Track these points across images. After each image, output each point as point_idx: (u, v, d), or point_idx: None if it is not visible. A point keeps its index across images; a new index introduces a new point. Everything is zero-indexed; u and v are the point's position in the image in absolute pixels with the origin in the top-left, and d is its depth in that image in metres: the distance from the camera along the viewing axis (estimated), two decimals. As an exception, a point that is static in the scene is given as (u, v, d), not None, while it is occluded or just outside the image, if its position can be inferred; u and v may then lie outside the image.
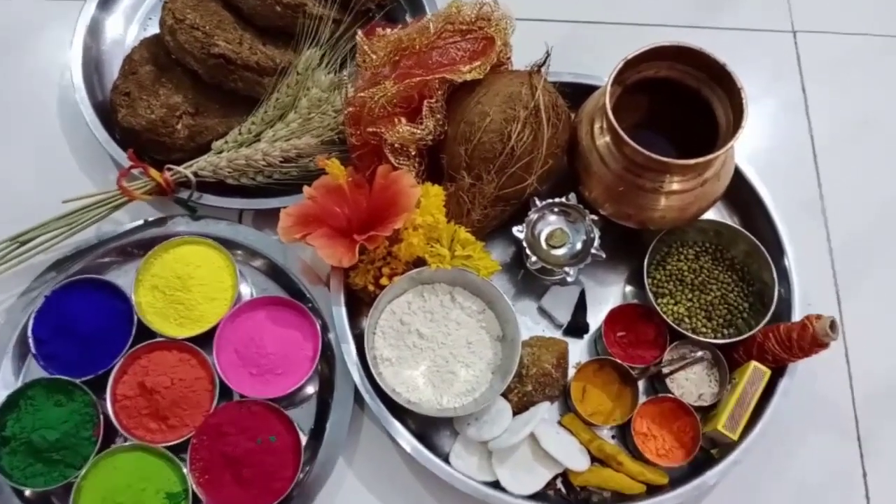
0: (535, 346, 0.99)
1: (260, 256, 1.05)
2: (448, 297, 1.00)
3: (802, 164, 1.18)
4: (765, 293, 1.01)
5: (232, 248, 1.04)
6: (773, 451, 1.00)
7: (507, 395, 0.97)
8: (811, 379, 1.04)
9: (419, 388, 0.96)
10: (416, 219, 0.94)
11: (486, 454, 0.95)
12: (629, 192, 0.96)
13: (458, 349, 0.97)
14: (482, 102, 0.96)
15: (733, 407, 0.93)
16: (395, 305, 0.99)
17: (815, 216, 1.15)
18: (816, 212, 1.15)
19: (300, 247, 0.99)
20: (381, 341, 0.97)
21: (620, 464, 0.95)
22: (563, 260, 1.02)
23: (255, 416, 0.94)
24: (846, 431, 1.04)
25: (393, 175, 0.97)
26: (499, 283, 1.05)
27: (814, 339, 0.90)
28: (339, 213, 0.98)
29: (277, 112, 1.04)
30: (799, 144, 1.20)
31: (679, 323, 1.01)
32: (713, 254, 1.06)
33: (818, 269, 1.12)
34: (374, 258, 0.97)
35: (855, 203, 1.16)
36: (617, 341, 1.02)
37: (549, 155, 0.97)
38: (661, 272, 1.04)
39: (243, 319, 0.99)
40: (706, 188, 0.96)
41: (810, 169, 1.18)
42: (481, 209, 0.98)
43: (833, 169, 1.18)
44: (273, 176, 1.04)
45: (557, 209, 1.03)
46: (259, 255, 1.05)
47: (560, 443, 0.94)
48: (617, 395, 0.99)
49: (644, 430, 0.97)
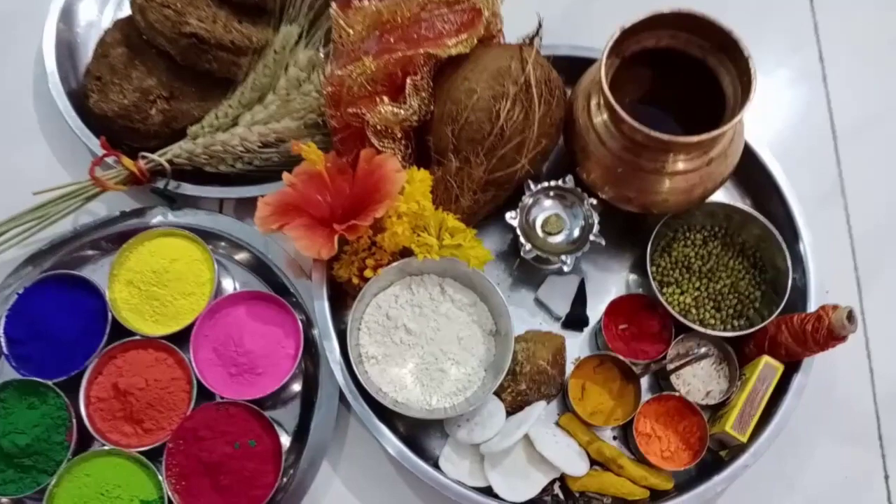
0: (530, 341, 0.93)
1: (242, 248, 1.00)
2: (437, 290, 0.94)
3: (821, 142, 1.10)
4: (778, 281, 0.94)
5: (212, 240, 0.99)
6: (786, 453, 0.93)
7: (501, 395, 0.91)
8: (829, 375, 0.96)
9: (407, 388, 0.90)
10: (401, 206, 0.88)
11: (478, 458, 0.89)
12: (629, 174, 0.89)
13: (449, 345, 0.91)
14: (469, 79, 0.89)
15: (742, 406, 0.86)
16: (380, 299, 0.93)
17: (834, 199, 1.07)
18: (836, 194, 1.07)
19: (284, 238, 0.94)
20: (366, 338, 0.91)
21: (622, 467, 0.88)
22: (561, 247, 0.96)
23: (233, 418, 0.89)
24: (866, 433, 0.97)
25: (377, 159, 0.91)
26: (493, 274, 1.00)
27: (830, 331, 0.83)
28: (321, 202, 0.92)
29: (255, 94, 0.98)
30: (817, 121, 1.11)
31: (685, 314, 0.94)
32: (722, 239, 0.98)
33: (837, 256, 1.04)
34: (358, 249, 0.91)
35: (878, 184, 1.08)
36: (619, 335, 0.95)
37: (543, 134, 0.90)
38: (665, 259, 0.97)
39: (222, 316, 0.94)
40: (712, 168, 0.89)
41: (829, 148, 1.09)
42: (471, 195, 0.92)
43: (854, 147, 1.09)
44: (253, 162, 0.99)
45: (553, 193, 0.96)
46: (241, 247, 1.00)
47: (557, 445, 0.88)
48: (618, 394, 0.93)
49: (647, 431, 0.91)
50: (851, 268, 1.03)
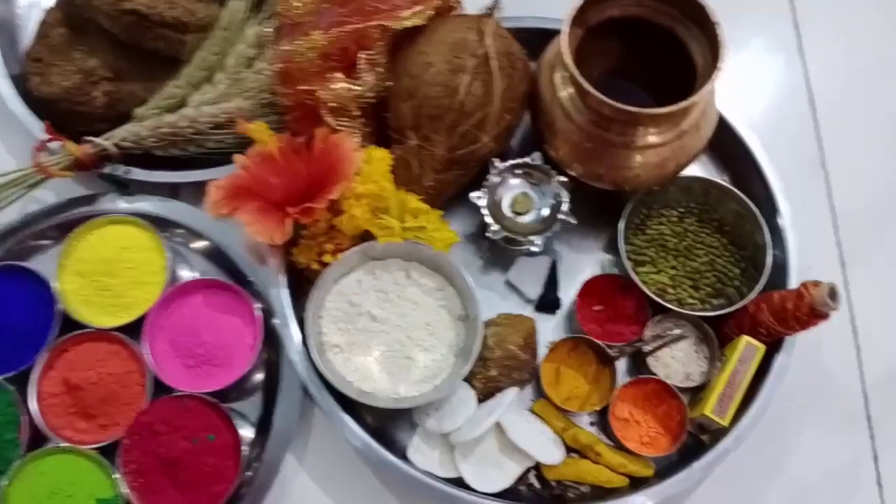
0: (500, 325, 0.89)
1: (199, 236, 0.95)
2: (403, 274, 0.90)
3: (799, 114, 1.06)
4: (758, 258, 0.90)
5: (168, 228, 0.95)
6: (771, 436, 0.89)
7: (471, 382, 0.87)
8: (813, 355, 0.93)
9: (373, 377, 0.86)
10: (358, 187, 0.84)
11: (448, 448, 0.85)
12: (598, 149, 0.85)
13: (416, 331, 0.87)
14: (425, 52, 0.85)
15: (723, 388, 0.83)
16: (343, 285, 0.89)
17: (814, 171, 1.03)
18: (816, 166, 1.03)
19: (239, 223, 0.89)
20: (328, 326, 0.87)
21: (599, 454, 0.85)
22: (530, 227, 0.92)
23: (190, 412, 0.85)
24: (854, 413, 0.93)
25: (333, 139, 0.87)
26: (463, 256, 0.96)
27: (811, 308, 0.79)
28: (275, 185, 0.88)
29: (203, 73, 0.94)
30: (795, 93, 1.07)
31: (662, 294, 0.90)
32: (699, 215, 0.94)
33: (819, 230, 1.00)
34: (316, 233, 0.87)
35: (859, 155, 1.04)
36: (593, 317, 0.91)
37: (505, 110, 0.86)
38: (640, 237, 0.93)
39: (177, 306, 0.90)
40: (685, 141, 0.85)
41: (808, 119, 1.05)
42: (433, 174, 0.88)
43: (834, 118, 1.05)
44: (206, 145, 0.94)
45: (521, 171, 0.92)
46: (198, 235, 0.95)
47: (530, 433, 0.84)
48: (594, 378, 0.89)
49: (625, 416, 0.87)
50: (834, 242, 1.00)
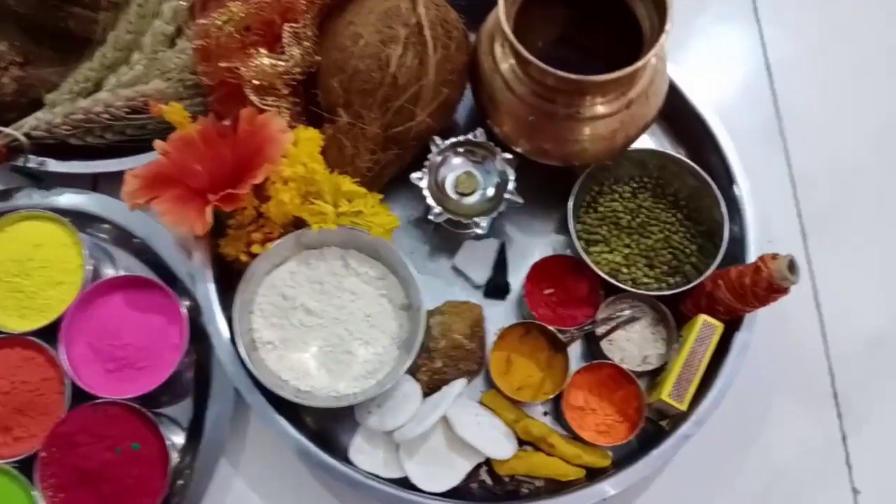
0: (446, 314, 0.83)
1: (122, 230, 0.89)
2: (340, 263, 0.84)
3: (755, 79, 1.02)
4: (715, 232, 0.85)
5: (89, 222, 0.89)
6: (735, 418, 0.85)
7: (416, 375, 0.82)
8: (776, 331, 0.88)
9: (310, 374, 0.81)
10: (285, 170, 0.78)
11: (392, 447, 0.80)
12: (543, 122, 0.80)
13: (356, 324, 0.82)
14: (354, 22, 0.79)
15: (680, 371, 0.78)
16: (274, 277, 0.83)
17: (772, 139, 0.99)
18: (773, 133, 0.99)
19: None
20: (260, 321, 0.81)
21: (553, 446, 0.80)
22: (476, 209, 0.86)
23: (113, 420, 0.79)
24: (821, 391, 0.89)
25: (259, 119, 0.81)
26: (407, 242, 0.90)
27: (770, 283, 0.75)
28: (200, 171, 0.82)
29: (119, 54, 0.87)
30: (750, 57, 1.03)
31: (615, 274, 0.86)
32: (653, 190, 0.90)
33: (779, 201, 0.96)
34: (243, 222, 0.81)
35: (819, 123, 1.00)
36: (544, 300, 0.86)
37: (443, 83, 0.80)
38: (591, 216, 0.89)
39: (96, 306, 0.83)
40: (633, 111, 0.80)
41: (764, 85, 1.01)
42: (368, 154, 0.82)
43: (791, 83, 1.01)
44: (125, 131, 0.88)
45: (463, 149, 0.87)
46: (121, 229, 0.89)
47: (479, 427, 0.79)
48: (547, 365, 0.84)
49: (580, 404, 0.82)
50: (794, 214, 0.96)
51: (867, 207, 0.96)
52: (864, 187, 0.97)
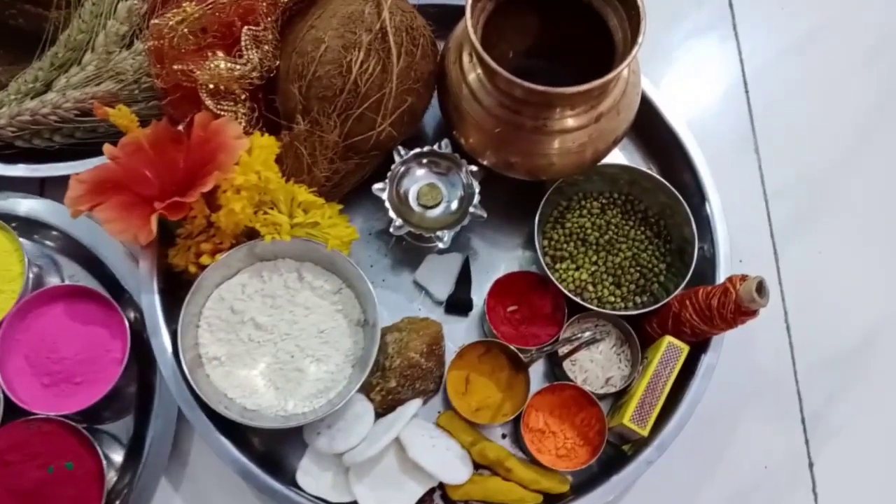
0: (404, 331, 0.80)
1: (68, 237, 0.85)
2: (294, 276, 0.81)
3: (730, 94, 0.99)
4: (685, 251, 0.83)
5: (32, 228, 0.85)
6: (699, 443, 0.82)
7: (369, 395, 0.78)
8: (744, 354, 0.86)
9: (258, 392, 0.77)
10: (237, 178, 0.74)
11: (342, 469, 0.76)
12: (509, 135, 0.77)
13: (307, 340, 0.78)
14: (316, 27, 0.76)
15: (642, 394, 0.75)
16: (224, 290, 0.79)
17: (746, 156, 0.96)
18: (748, 150, 0.97)
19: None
20: (206, 336, 0.78)
21: (509, 470, 0.77)
22: (439, 222, 0.83)
23: (46, 438, 0.75)
24: (788, 415, 0.87)
25: (214, 125, 0.77)
26: (368, 255, 0.87)
27: (738, 305, 0.72)
28: (149, 178, 0.78)
29: (71, 54, 0.83)
30: (726, 71, 1.01)
31: (580, 292, 0.83)
32: (622, 206, 0.87)
33: (752, 220, 0.94)
34: (193, 232, 0.78)
35: (794, 138, 0.97)
36: (506, 318, 0.83)
37: (407, 91, 0.77)
38: (558, 231, 0.86)
39: (34, 317, 0.79)
40: (603, 125, 0.77)
41: (740, 100, 0.99)
42: (326, 163, 0.79)
43: (768, 99, 0.99)
44: (75, 134, 0.85)
45: (427, 160, 0.84)
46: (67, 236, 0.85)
47: (433, 450, 0.76)
48: (507, 385, 0.81)
49: (539, 426, 0.79)
50: (767, 233, 0.93)
51: (842, 226, 0.94)
52: (840, 205, 0.95)
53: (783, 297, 0.91)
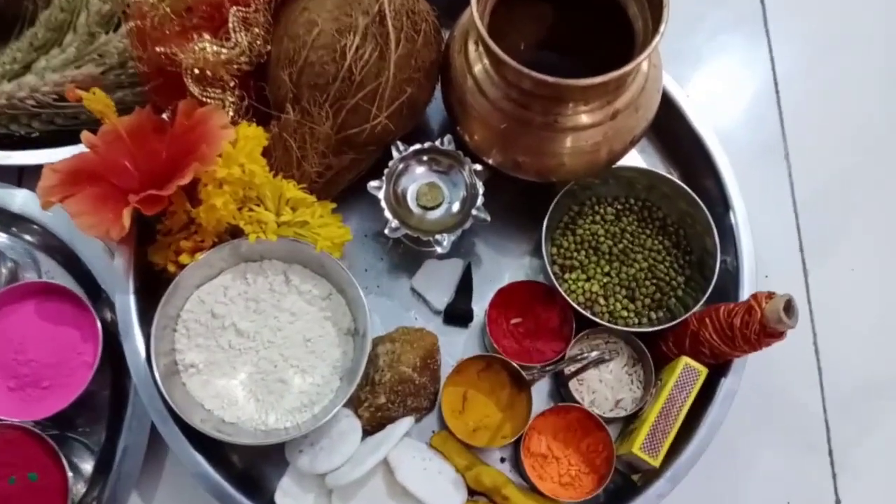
0: (397, 341, 0.74)
1: (46, 231, 0.80)
2: (281, 279, 0.75)
3: (760, 96, 0.92)
4: (706, 264, 0.76)
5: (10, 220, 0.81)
6: (716, 475, 0.76)
7: (357, 411, 0.72)
8: (768, 379, 0.80)
9: (238, 404, 0.71)
10: (219, 171, 0.68)
11: (325, 491, 0.70)
12: (517, 132, 0.71)
13: (292, 349, 0.73)
14: (309, 8, 0.70)
15: (654, 420, 0.68)
16: (205, 292, 0.73)
17: (775, 162, 0.89)
18: (777, 157, 0.90)
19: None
20: (183, 341, 0.72)
21: (507, 499, 0.70)
22: (440, 225, 0.77)
23: (9, 446, 0.70)
24: (814, 448, 0.80)
25: (199, 113, 0.72)
26: (364, 258, 0.82)
27: (763, 326, 0.65)
28: (129, 170, 0.73)
29: (52, 35, 0.78)
30: (756, 71, 0.94)
31: (591, 305, 0.76)
32: (639, 213, 0.80)
33: (779, 233, 0.87)
34: (172, 228, 0.72)
35: (827, 146, 0.90)
36: (509, 331, 0.77)
37: (406, 81, 0.71)
38: (568, 238, 0.79)
39: (3, 314, 0.74)
40: (619, 123, 0.71)
41: (770, 102, 0.92)
42: (318, 157, 0.73)
43: (799, 101, 0.92)
44: (55, 120, 0.80)
45: (427, 157, 0.78)
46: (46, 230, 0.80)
47: (425, 473, 0.70)
48: (508, 404, 0.74)
49: (542, 451, 0.73)
50: (796, 247, 0.86)
51: (877, 241, 0.87)
52: (875, 219, 0.88)
53: (812, 318, 0.84)
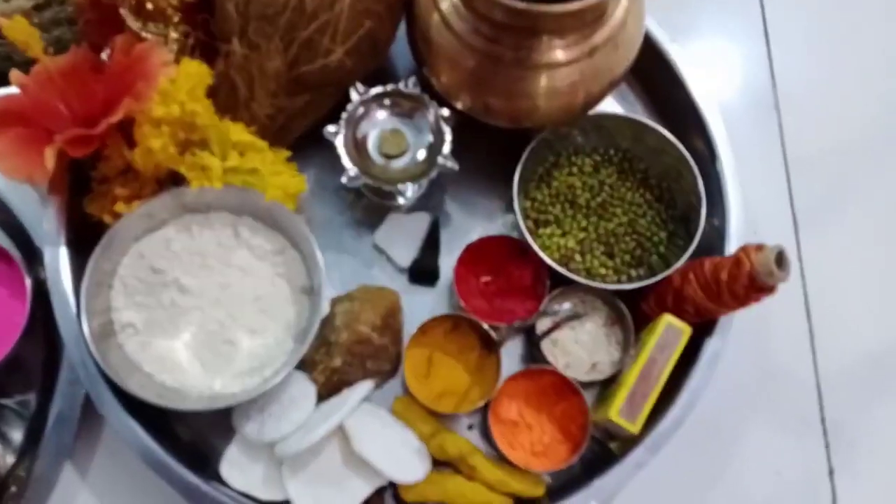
0: (356, 300, 0.68)
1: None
2: (230, 233, 0.69)
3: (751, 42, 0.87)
4: (690, 219, 0.71)
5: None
6: (697, 446, 0.70)
7: (312, 374, 0.66)
8: (754, 340, 0.75)
9: (181, 367, 0.65)
10: (156, 110, 0.62)
11: (275, 462, 0.64)
12: (485, 70, 0.65)
13: (241, 307, 0.67)
14: (255, -70, 0.63)
15: (634, 384, 0.63)
16: (145, 245, 0.67)
17: (765, 115, 0.84)
18: (768, 108, 0.84)
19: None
20: (120, 299, 0.66)
21: (473, 468, 0.65)
22: (405, 175, 0.71)
23: (-71, 413, 0.64)
24: (806, 416, 0.74)
25: (138, 50, 0.65)
26: (323, 212, 0.76)
27: (752, 279, 0.60)
28: (62, 112, 0.67)
29: (-25, -36, 0.71)
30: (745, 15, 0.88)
31: (566, 262, 0.71)
32: (619, 165, 0.75)
33: (769, 188, 0.81)
34: (108, 175, 0.66)
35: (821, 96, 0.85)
36: (479, 290, 0.71)
37: (364, 13, 0.65)
38: (543, 191, 0.74)
39: (-78, 271, 0.68)
40: (597, 61, 0.65)
41: (760, 50, 0.86)
42: (268, 97, 0.67)
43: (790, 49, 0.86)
44: (-21, 61, 0.72)
45: (390, 101, 0.71)
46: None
47: (384, 441, 0.64)
48: (476, 368, 0.69)
49: (512, 417, 0.67)
50: (787, 203, 0.81)
51: (872, 201, 0.82)
52: (871, 178, 0.82)
53: (804, 279, 0.78)
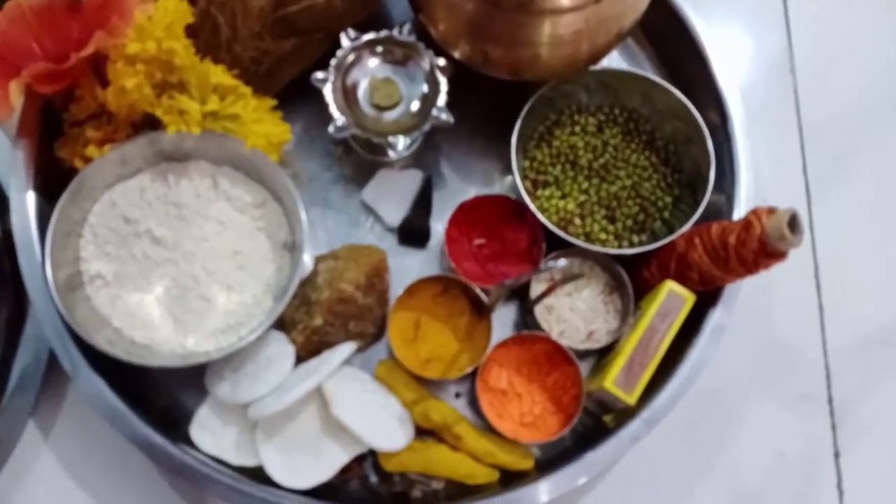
0: (340, 259, 0.64)
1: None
2: (208, 183, 0.65)
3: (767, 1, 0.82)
4: (697, 184, 0.67)
5: None
6: (697, 420, 0.67)
7: (291, 334, 0.63)
8: (761, 312, 0.71)
9: (152, 323, 0.62)
10: (131, 46, 0.58)
11: (248, 426, 0.61)
12: (485, 15, 0.61)
13: (218, 262, 0.63)
14: None
15: (631, 353, 0.59)
16: (118, 193, 0.64)
17: (782, 78, 0.79)
18: (783, 71, 0.79)
19: None
20: (90, 248, 0.62)
21: (459, 438, 0.61)
22: (397, 127, 0.67)
23: None
24: (812, 394, 0.71)
25: (114, -15, 0.61)
26: (309, 166, 0.73)
27: (762, 244, 0.56)
28: (36, 52, 0.63)
29: None
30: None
31: (565, 225, 0.67)
32: (624, 125, 0.71)
33: (782, 154, 0.77)
34: (79, 117, 0.62)
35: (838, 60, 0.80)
36: (472, 253, 0.67)
37: (355, -51, 0.61)
38: (543, 150, 0.69)
39: None
40: (604, 9, 0.60)
41: (778, 10, 0.81)
42: (252, 39, 0.63)
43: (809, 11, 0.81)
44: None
45: (383, 48, 0.67)
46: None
47: (364, 406, 0.60)
48: (467, 333, 0.65)
49: (502, 386, 0.64)
50: (800, 170, 0.76)
51: (888, 171, 0.77)
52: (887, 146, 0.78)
53: (815, 251, 0.74)
